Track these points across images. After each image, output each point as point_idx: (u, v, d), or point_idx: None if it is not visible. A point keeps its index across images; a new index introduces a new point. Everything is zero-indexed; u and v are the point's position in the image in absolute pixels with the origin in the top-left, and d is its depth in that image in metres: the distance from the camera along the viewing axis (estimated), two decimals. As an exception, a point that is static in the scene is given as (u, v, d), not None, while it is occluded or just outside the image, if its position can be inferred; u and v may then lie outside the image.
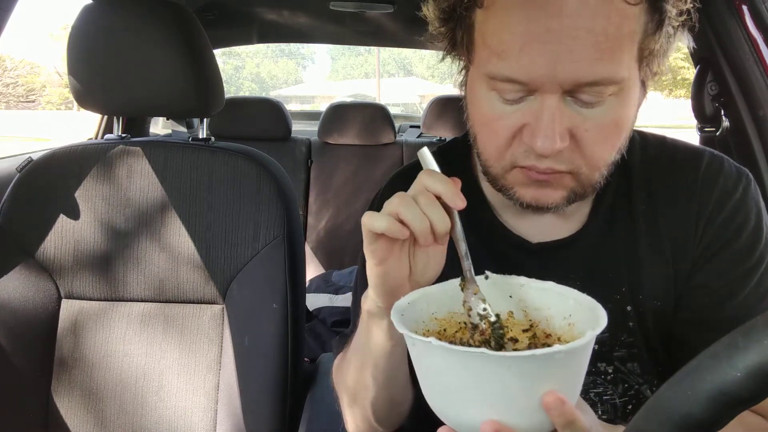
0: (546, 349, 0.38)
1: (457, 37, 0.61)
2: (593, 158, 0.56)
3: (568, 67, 0.51)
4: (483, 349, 0.38)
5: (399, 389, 0.66)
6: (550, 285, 0.51)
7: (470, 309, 0.50)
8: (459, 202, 0.49)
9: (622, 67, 0.53)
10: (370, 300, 0.58)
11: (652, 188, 0.67)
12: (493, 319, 0.50)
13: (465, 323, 0.52)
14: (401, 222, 0.49)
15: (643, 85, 0.59)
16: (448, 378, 0.42)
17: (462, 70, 0.65)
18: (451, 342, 0.50)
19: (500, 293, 0.53)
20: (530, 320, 0.52)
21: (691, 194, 0.65)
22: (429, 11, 0.61)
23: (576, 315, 0.48)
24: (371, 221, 0.50)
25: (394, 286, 0.53)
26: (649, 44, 0.54)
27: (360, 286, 0.75)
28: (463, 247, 0.51)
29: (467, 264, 0.51)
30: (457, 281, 0.53)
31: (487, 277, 0.53)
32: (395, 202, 0.50)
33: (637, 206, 0.66)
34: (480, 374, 0.39)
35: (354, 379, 0.67)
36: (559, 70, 0.51)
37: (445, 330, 0.52)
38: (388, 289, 0.54)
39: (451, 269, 0.54)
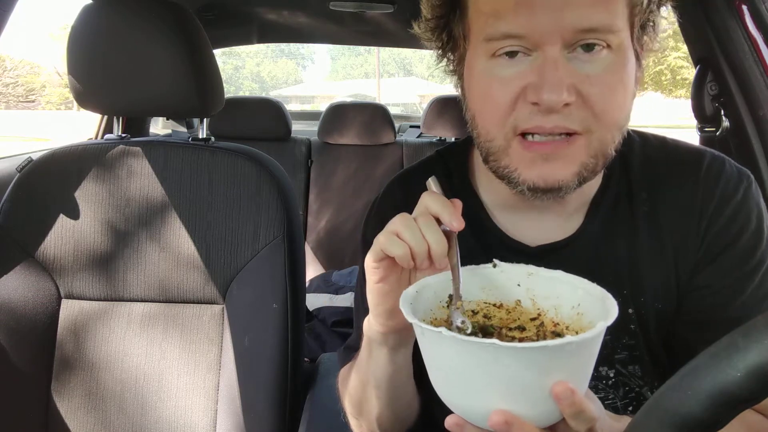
0: (557, 340, 0.38)
1: (452, 23, 0.61)
2: (604, 115, 0.55)
3: (566, 14, 0.52)
4: (494, 340, 0.38)
5: (403, 407, 0.67)
6: (559, 274, 0.51)
7: (451, 323, 0.51)
8: (455, 224, 0.50)
9: (617, 17, 0.54)
10: (370, 326, 0.58)
11: (653, 189, 0.66)
12: (469, 331, 0.49)
13: (472, 311, 0.53)
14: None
15: (638, 60, 0.59)
16: (457, 368, 0.42)
17: (458, 64, 0.65)
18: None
19: (509, 282, 0.53)
20: (538, 309, 0.52)
21: (692, 196, 0.64)
22: (425, 5, 0.62)
23: (585, 305, 0.48)
24: (388, 245, 0.50)
25: (393, 307, 0.53)
26: (638, 2, 0.55)
27: (361, 305, 0.75)
28: (456, 271, 0.52)
29: (458, 282, 0.51)
30: (463, 270, 0.52)
31: (495, 266, 0.53)
32: (397, 222, 0.51)
33: (638, 207, 0.66)
34: (490, 365, 0.39)
35: (358, 396, 0.68)
36: (557, 17, 0.52)
37: None
38: (387, 309, 0.54)
39: None
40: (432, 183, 0.54)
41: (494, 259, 0.53)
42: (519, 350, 0.38)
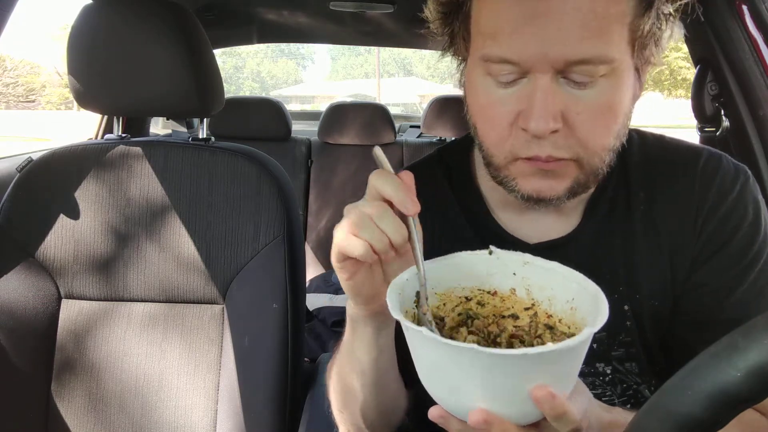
0: (539, 348, 0.37)
1: (455, 29, 0.62)
2: (590, 143, 0.56)
3: (558, 46, 0.52)
4: (474, 345, 0.37)
5: (388, 397, 0.66)
6: (555, 266, 0.49)
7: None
8: (410, 207, 0.48)
9: (611, 47, 0.53)
10: (351, 307, 0.57)
11: (651, 187, 0.67)
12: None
13: (466, 297, 0.52)
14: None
15: (638, 73, 0.59)
16: (439, 366, 0.42)
17: (460, 64, 0.65)
18: (449, 319, 0.50)
19: (504, 269, 0.52)
20: (533, 299, 0.51)
21: (689, 192, 0.65)
22: (430, 9, 0.63)
23: (579, 300, 0.47)
24: (347, 245, 0.48)
25: (371, 295, 0.53)
26: (639, 25, 0.55)
27: None
28: (418, 256, 0.49)
29: (423, 278, 0.49)
30: (459, 256, 0.52)
31: (491, 252, 0.52)
32: (351, 219, 0.48)
33: (635, 205, 0.66)
34: (469, 368, 0.39)
35: (342, 384, 0.67)
36: (548, 48, 0.52)
37: (444, 304, 0.52)
38: (364, 298, 0.54)
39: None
40: (378, 154, 0.51)
41: (491, 246, 0.52)
42: (498, 357, 0.37)
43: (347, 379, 0.65)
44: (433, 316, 0.51)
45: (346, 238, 0.48)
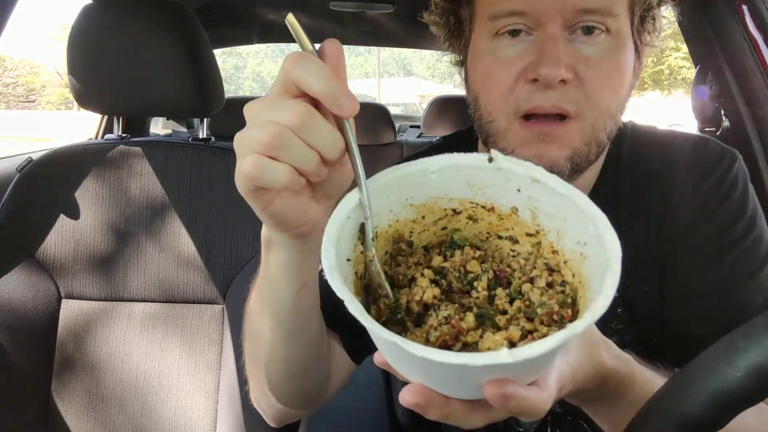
0: (488, 357, 0.28)
1: (461, 6, 0.64)
2: (597, 100, 0.57)
3: None
4: (396, 339, 0.29)
5: (303, 353, 0.54)
6: (574, 193, 0.37)
7: (370, 276, 0.39)
8: (346, 105, 0.34)
9: (616, 1, 0.56)
10: (267, 229, 0.45)
11: (638, 176, 0.67)
12: (389, 300, 0.38)
13: (454, 210, 0.42)
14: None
15: (638, 53, 0.60)
16: (379, 341, 0.34)
17: (462, 49, 0.66)
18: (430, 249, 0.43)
19: (506, 184, 0.40)
20: (538, 225, 0.40)
21: (674, 175, 0.65)
22: None
23: (592, 249, 0.36)
24: (262, 173, 0.35)
25: (296, 220, 0.41)
26: None
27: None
28: (360, 176, 0.37)
29: (367, 210, 0.37)
30: (447, 158, 0.40)
31: (491, 160, 0.39)
32: (266, 141, 0.34)
33: (623, 194, 0.67)
34: (402, 354, 0.31)
35: (251, 332, 0.57)
36: None
37: (423, 217, 0.42)
38: (286, 226, 0.41)
39: None
40: (293, 23, 0.35)
41: (492, 151, 0.40)
42: (423, 361, 0.29)
43: (258, 323, 0.53)
44: (400, 239, 0.42)
45: (258, 165, 0.35)
